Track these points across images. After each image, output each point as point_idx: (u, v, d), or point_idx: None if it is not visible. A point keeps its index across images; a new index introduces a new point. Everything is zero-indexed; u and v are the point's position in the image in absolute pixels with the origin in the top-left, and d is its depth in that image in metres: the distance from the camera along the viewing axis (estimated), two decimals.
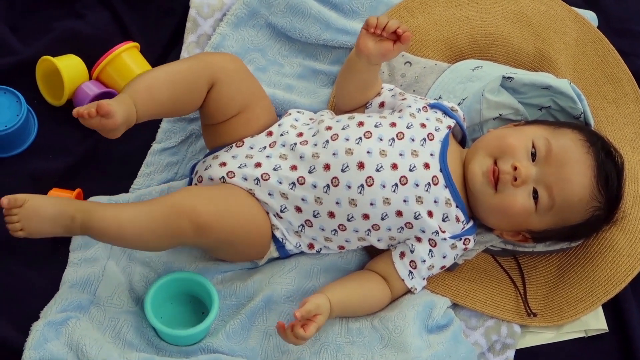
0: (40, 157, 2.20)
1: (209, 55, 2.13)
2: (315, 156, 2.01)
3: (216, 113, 2.08)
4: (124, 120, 1.89)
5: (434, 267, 2.06)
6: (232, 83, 2.07)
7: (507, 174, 1.99)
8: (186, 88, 2.03)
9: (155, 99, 1.98)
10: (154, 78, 2.00)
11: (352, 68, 2.10)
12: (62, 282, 2.05)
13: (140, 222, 1.91)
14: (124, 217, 1.90)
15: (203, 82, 2.04)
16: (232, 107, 2.08)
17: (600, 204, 2.03)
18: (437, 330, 2.07)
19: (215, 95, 2.06)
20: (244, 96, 2.09)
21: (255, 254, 2.09)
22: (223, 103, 2.07)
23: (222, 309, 2.06)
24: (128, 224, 1.90)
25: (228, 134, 2.11)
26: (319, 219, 2.02)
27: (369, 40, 2.01)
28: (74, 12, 2.38)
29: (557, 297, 2.16)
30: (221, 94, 2.06)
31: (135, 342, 2.00)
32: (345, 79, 2.14)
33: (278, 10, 2.37)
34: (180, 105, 2.05)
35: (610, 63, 2.42)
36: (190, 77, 2.03)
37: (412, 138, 2.02)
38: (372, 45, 2.01)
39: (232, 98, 2.07)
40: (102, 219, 1.89)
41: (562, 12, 2.44)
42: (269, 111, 2.16)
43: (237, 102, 2.09)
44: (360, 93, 2.14)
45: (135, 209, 1.94)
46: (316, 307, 1.91)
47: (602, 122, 2.34)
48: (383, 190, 1.97)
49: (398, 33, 1.97)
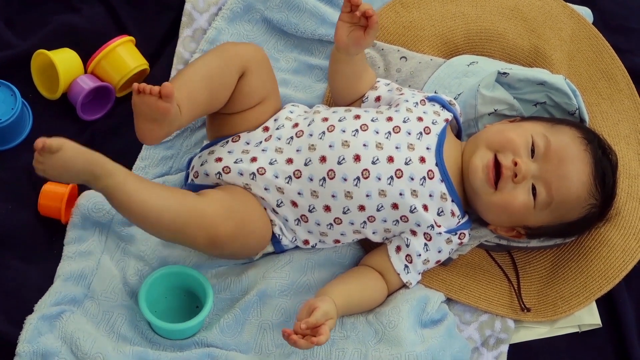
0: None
1: (236, 46, 2.12)
2: (311, 148, 2.01)
3: (239, 103, 2.09)
4: (175, 114, 1.88)
5: (429, 262, 2.07)
6: (257, 74, 2.08)
7: (509, 169, 2.00)
8: (220, 84, 2.03)
9: (195, 103, 1.97)
10: (191, 81, 1.99)
11: (336, 62, 2.12)
12: (56, 275, 2.05)
13: (161, 217, 1.89)
14: (149, 205, 1.87)
15: (234, 74, 2.04)
16: (254, 97, 2.09)
17: (597, 201, 2.04)
18: (431, 325, 2.07)
19: (240, 85, 2.06)
20: (266, 88, 2.11)
21: (252, 254, 2.10)
22: (247, 93, 2.08)
23: (216, 303, 2.06)
24: (150, 212, 1.88)
25: (237, 125, 2.11)
26: (314, 214, 2.02)
27: (343, 32, 2.03)
28: (69, 5, 2.38)
29: (551, 293, 2.17)
30: (247, 84, 2.07)
31: (129, 336, 2.00)
32: (334, 74, 2.15)
33: (274, 5, 2.37)
34: (215, 102, 2.05)
35: (605, 59, 2.42)
36: (223, 73, 2.03)
37: (408, 132, 2.02)
38: (345, 36, 2.03)
39: (255, 89, 2.08)
40: (130, 193, 1.86)
41: (557, 8, 2.44)
42: (279, 105, 2.17)
43: (260, 93, 2.10)
44: (351, 86, 2.15)
45: (160, 200, 1.89)
46: (324, 315, 1.88)
47: (596, 118, 2.34)
48: (379, 182, 1.98)
49: (367, 14, 1.99)
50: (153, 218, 1.89)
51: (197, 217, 1.92)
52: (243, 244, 2.01)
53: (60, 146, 1.80)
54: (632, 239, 2.19)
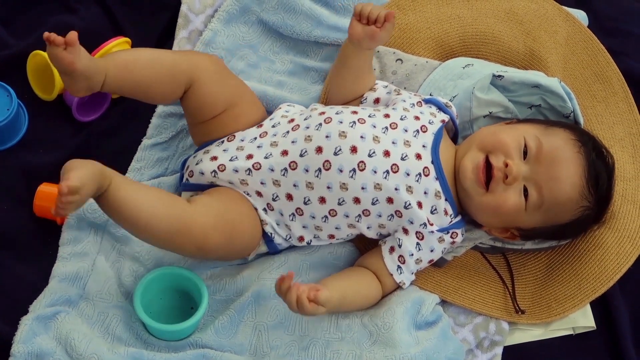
0: (30, 151, 2.20)
1: (194, 54, 2.15)
2: (307, 139, 2.01)
3: (200, 111, 2.09)
4: (84, 69, 1.90)
5: (422, 261, 2.07)
6: (213, 82, 2.08)
7: (499, 170, 2.00)
8: (163, 76, 2.04)
9: (128, 74, 1.99)
10: (135, 55, 2.04)
11: (346, 56, 2.12)
12: (51, 276, 2.05)
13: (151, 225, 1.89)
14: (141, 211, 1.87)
15: (182, 77, 2.05)
16: (216, 104, 2.09)
17: (590, 204, 2.04)
18: (426, 327, 2.07)
19: (197, 93, 2.07)
20: (227, 94, 2.10)
21: (243, 253, 2.10)
22: (206, 101, 2.08)
23: (211, 305, 2.06)
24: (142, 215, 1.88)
25: (216, 131, 2.12)
26: (309, 206, 2.02)
27: (357, 25, 2.04)
28: (66, 6, 2.38)
29: (545, 295, 2.17)
30: (203, 92, 2.07)
31: (124, 337, 2.00)
32: (339, 67, 2.16)
33: (269, 7, 2.37)
34: (153, 92, 2.05)
35: (600, 62, 2.43)
36: (170, 69, 2.04)
37: (405, 129, 2.03)
38: (361, 29, 2.04)
39: (214, 96, 2.08)
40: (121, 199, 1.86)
41: (552, 11, 2.44)
42: (256, 106, 2.17)
43: (221, 99, 2.09)
44: (353, 82, 2.15)
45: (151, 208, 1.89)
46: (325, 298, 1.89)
47: (591, 121, 2.35)
48: (374, 175, 1.98)
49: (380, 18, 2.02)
50: (142, 226, 1.89)
51: (187, 229, 1.92)
52: (231, 249, 2.02)
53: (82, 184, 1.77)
54: (626, 241, 2.20)
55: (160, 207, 1.91)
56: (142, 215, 1.88)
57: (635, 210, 2.25)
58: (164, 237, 1.91)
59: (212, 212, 1.97)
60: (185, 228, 1.92)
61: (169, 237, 1.92)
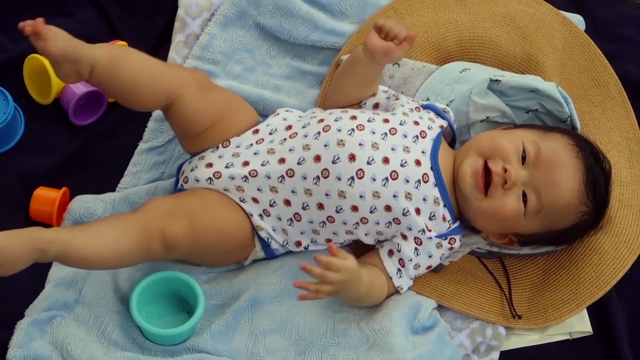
0: (27, 155, 2.20)
1: (179, 69, 2.14)
2: (305, 148, 2.01)
3: (187, 127, 2.08)
4: (61, 52, 1.89)
5: (420, 267, 2.07)
6: (196, 99, 2.06)
7: (498, 175, 2.00)
8: (150, 82, 2.02)
9: (118, 69, 1.97)
10: (128, 52, 2.03)
11: (356, 61, 2.10)
12: (47, 280, 2.05)
13: (116, 249, 1.88)
14: (101, 246, 1.87)
15: (166, 89, 2.03)
16: (202, 121, 2.08)
17: (588, 209, 2.04)
18: (423, 332, 2.07)
19: (180, 110, 2.05)
20: (212, 109, 2.09)
21: (234, 258, 2.10)
22: (190, 118, 2.06)
23: (207, 309, 2.06)
24: (105, 252, 1.87)
25: (207, 142, 2.11)
26: (307, 211, 2.02)
27: (375, 38, 2.02)
28: (63, 10, 2.38)
29: (542, 300, 2.17)
30: (187, 109, 2.05)
31: (121, 342, 2.00)
32: (346, 72, 2.14)
33: (267, 11, 2.37)
34: (136, 95, 2.03)
35: (597, 67, 2.43)
36: (159, 77, 2.03)
37: (404, 134, 2.03)
38: (377, 42, 2.02)
39: (199, 113, 2.06)
40: (79, 249, 1.84)
41: (549, 15, 2.44)
42: (246, 111, 2.16)
43: (206, 115, 2.08)
44: (357, 89, 2.14)
45: (109, 233, 1.89)
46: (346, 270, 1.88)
47: (588, 126, 2.35)
48: (373, 183, 1.98)
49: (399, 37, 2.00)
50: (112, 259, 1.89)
51: (146, 228, 1.91)
52: (204, 243, 1.99)
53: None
54: (623, 246, 2.20)
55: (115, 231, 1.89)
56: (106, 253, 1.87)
57: (632, 215, 2.25)
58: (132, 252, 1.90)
59: (164, 205, 1.96)
60: (145, 230, 1.90)
61: (136, 249, 1.90)
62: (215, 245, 2.03)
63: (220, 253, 2.07)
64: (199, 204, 2.01)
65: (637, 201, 2.27)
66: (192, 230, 1.95)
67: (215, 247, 2.03)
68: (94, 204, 2.12)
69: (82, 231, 1.89)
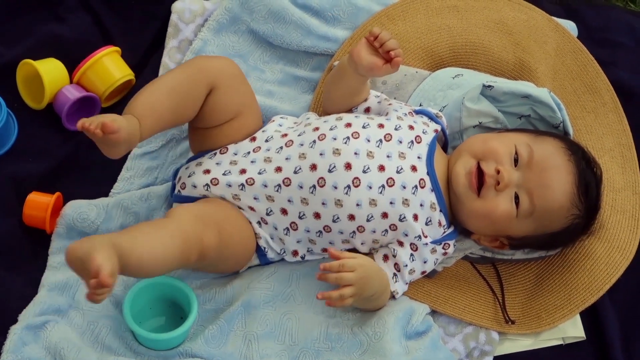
0: (20, 160, 2.20)
1: (206, 61, 2.13)
2: (302, 157, 2.01)
3: (210, 117, 2.09)
4: (127, 136, 1.88)
5: (415, 272, 2.07)
6: (229, 88, 2.07)
7: (491, 177, 2.00)
8: (186, 98, 2.03)
9: (158, 115, 1.98)
10: (155, 93, 2.00)
11: (342, 72, 2.10)
12: (41, 285, 2.05)
13: (166, 257, 1.85)
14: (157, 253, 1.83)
15: (202, 89, 2.04)
16: (227, 112, 2.09)
17: (580, 212, 2.04)
18: (416, 337, 2.07)
19: (212, 100, 2.06)
20: (239, 102, 2.10)
21: (239, 266, 2.10)
22: (219, 108, 2.07)
23: (201, 314, 2.06)
24: (160, 259, 1.84)
25: (216, 139, 2.11)
26: (304, 220, 2.02)
27: (363, 49, 2.01)
28: (56, 15, 2.38)
29: (535, 305, 2.17)
30: (218, 99, 2.06)
31: (114, 346, 2.00)
32: (334, 82, 2.14)
33: (260, 17, 2.37)
34: (181, 115, 2.05)
35: (590, 73, 2.43)
36: (189, 87, 2.03)
37: (399, 140, 2.03)
38: (364, 55, 2.01)
39: (228, 103, 2.08)
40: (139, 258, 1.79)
41: (542, 21, 2.45)
42: (258, 119, 2.17)
43: (232, 107, 2.09)
44: (345, 99, 2.14)
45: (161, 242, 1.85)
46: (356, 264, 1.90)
47: (581, 132, 2.35)
48: (369, 191, 1.98)
49: (390, 55, 1.98)
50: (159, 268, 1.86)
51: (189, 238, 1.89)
52: (226, 254, 2.01)
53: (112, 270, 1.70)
54: (615, 252, 2.20)
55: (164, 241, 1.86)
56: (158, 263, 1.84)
57: (625, 221, 2.25)
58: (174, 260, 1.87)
59: (199, 213, 1.95)
60: (187, 241, 1.88)
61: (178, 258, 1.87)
62: (233, 256, 2.04)
63: (233, 263, 2.08)
64: (221, 214, 2.01)
65: (629, 207, 2.28)
66: (221, 240, 1.95)
67: (233, 256, 2.04)
68: (87, 209, 2.12)
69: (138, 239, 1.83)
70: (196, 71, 2.06)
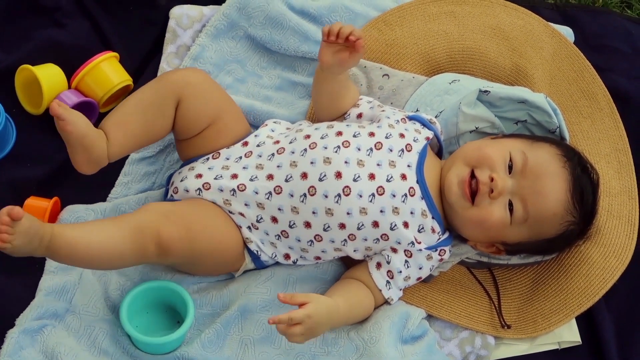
0: (18, 165, 2.20)
1: (171, 73, 2.14)
2: (293, 165, 2.01)
3: (187, 127, 2.09)
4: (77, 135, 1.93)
5: (410, 278, 2.07)
6: (198, 97, 2.08)
7: (485, 184, 2.00)
8: (155, 112, 2.05)
9: (126, 129, 2.02)
10: (122, 109, 2.04)
11: (319, 81, 2.13)
12: (38, 289, 2.05)
13: (108, 244, 1.89)
14: (92, 239, 1.88)
15: (169, 101, 2.06)
16: (202, 119, 2.09)
17: (575, 219, 2.04)
18: (412, 341, 2.07)
19: (183, 111, 2.07)
20: (212, 107, 2.10)
21: (226, 269, 2.10)
22: (192, 116, 2.08)
23: (197, 318, 2.06)
24: (95, 245, 1.88)
25: (202, 147, 2.12)
26: (295, 230, 2.02)
27: (327, 52, 2.04)
28: (54, 21, 2.39)
29: (531, 310, 2.18)
30: (189, 109, 2.07)
31: (111, 350, 2.00)
32: (317, 92, 2.16)
33: (257, 22, 2.38)
34: (153, 129, 2.07)
35: (586, 78, 2.44)
36: (156, 100, 2.05)
37: (390, 148, 2.03)
38: (329, 56, 2.03)
39: (199, 111, 2.08)
40: (70, 241, 1.85)
41: (538, 27, 2.45)
42: (239, 119, 2.17)
43: (207, 114, 2.10)
44: (333, 104, 2.15)
45: (102, 230, 1.90)
46: (305, 297, 1.87)
47: (577, 137, 2.36)
48: (360, 200, 1.98)
49: (350, 40, 2.00)
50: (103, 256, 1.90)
51: (141, 228, 1.91)
52: (200, 249, 1.99)
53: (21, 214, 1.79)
54: (611, 256, 2.20)
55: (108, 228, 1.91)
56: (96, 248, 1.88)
57: (621, 226, 2.25)
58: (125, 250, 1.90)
59: (170, 214, 1.96)
60: (139, 230, 1.91)
61: (129, 248, 1.90)
62: (209, 254, 2.03)
63: (212, 263, 2.07)
64: (196, 212, 2.01)
65: (625, 212, 2.28)
66: (188, 236, 1.95)
67: (209, 255, 2.03)
68: (85, 214, 2.13)
69: (75, 226, 1.92)
70: (162, 85, 2.08)
